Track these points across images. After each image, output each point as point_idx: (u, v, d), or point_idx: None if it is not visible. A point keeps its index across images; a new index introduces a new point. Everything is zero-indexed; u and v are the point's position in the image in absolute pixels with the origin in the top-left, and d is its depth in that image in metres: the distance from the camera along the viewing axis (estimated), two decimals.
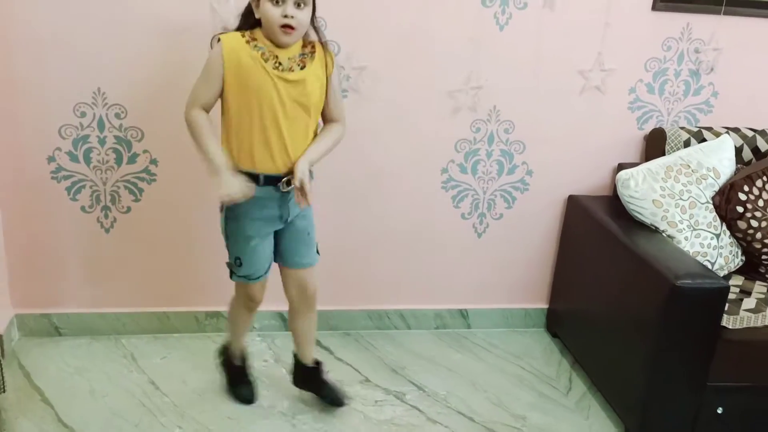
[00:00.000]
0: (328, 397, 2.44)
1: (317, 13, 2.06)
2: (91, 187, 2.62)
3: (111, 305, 2.80)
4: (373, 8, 2.55)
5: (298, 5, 1.93)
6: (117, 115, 2.54)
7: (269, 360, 2.75)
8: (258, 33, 2.01)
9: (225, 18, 2.44)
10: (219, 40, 1.99)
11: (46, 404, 2.39)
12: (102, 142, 2.57)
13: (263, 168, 2.05)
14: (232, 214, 2.11)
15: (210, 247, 2.73)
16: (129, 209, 2.67)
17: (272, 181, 2.06)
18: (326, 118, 2.17)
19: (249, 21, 2.04)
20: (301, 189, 2.02)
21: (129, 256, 2.73)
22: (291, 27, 1.93)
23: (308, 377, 2.46)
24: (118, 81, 2.50)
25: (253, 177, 2.04)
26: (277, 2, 1.92)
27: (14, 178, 2.56)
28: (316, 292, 2.32)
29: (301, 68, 2.02)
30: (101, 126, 2.55)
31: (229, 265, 2.23)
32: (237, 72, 1.97)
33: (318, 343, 2.85)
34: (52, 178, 2.58)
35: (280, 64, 1.99)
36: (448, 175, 2.83)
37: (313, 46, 2.07)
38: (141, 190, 2.66)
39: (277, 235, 2.20)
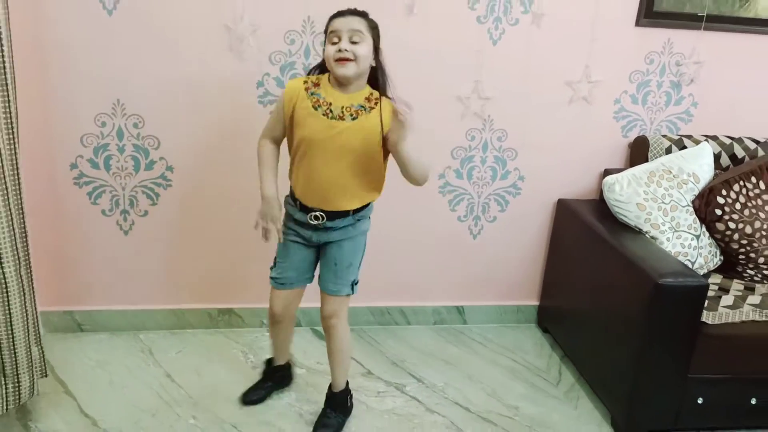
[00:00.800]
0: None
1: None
2: (110, 192, 2.62)
3: (130, 303, 2.79)
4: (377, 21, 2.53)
5: (354, 41, 1.92)
6: (135, 125, 2.54)
7: None
8: (323, 78, 2.02)
9: (241, 34, 2.45)
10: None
11: (69, 396, 2.39)
12: (121, 150, 2.56)
13: (302, 198, 2.07)
14: (285, 220, 2.16)
15: (222, 248, 2.75)
16: (146, 213, 2.67)
17: (306, 209, 2.08)
18: None
19: (317, 70, 2.08)
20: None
21: (146, 256, 2.73)
22: (345, 59, 1.91)
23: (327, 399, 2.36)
24: (136, 93, 2.50)
25: (296, 200, 2.11)
26: (334, 42, 1.93)
27: (40, 183, 2.55)
28: (334, 321, 2.19)
29: (353, 119, 1.98)
30: (120, 135, 2.54)
31: (271, 267, 2.23)
32: (294, 116, 2.01)
33: (323, 337, 2.75)
34: (75, 183, 2.58)
35: (330, 111, 1.97)
36: (444, 181, 2.82)
37: (377, 102, 2.00)
38: (158, 195, 2.65)
39: (319, 253, 2.20)
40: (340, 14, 1.96)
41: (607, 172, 2.80)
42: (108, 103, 2.51)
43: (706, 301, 2.24)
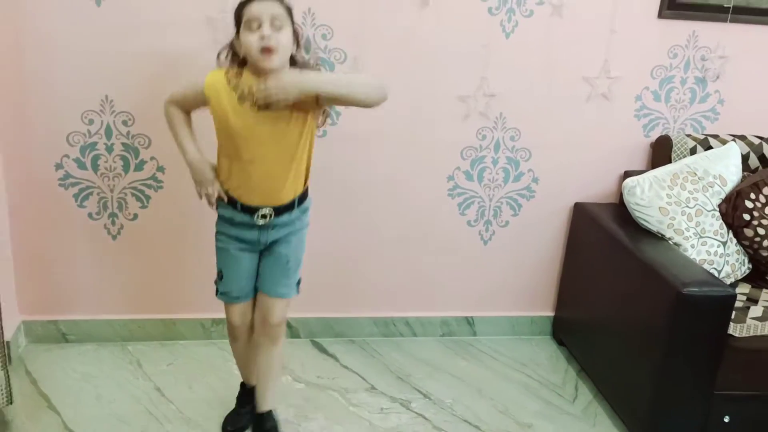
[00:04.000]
0: None
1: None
2: (98, 194, 2.62)
3: (118, 312, 2.79)
4: (378, 14, 2.55)
5: (276, 27, 1.86)
6: (124, 123, 2.55)
7: None
8: (246, 71, 1.96)
9: (229, 25, 2.42)
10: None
11: (53, 411, 2.39)
12: (109, 149, 2.57)
13: (242, 198, 2.04)
14: (220, 228, 2.12)
15: None
16: (136, 216, 2.67)
17: (250, 210, 2.04)
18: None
19: (236, 62, 2.01)
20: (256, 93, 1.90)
21: (136, 262, 2.73)
22: (270, 49, 1.86)
23: (255, 422, 2.35)
24: (126, 88, 2.50)
25: (232, 201, 2.06)
26: (253, 29, 1.87)
27: (23, 184, 2.56)
28: (280, 326, 2.19)
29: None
30: (109, 133, 2.55)
31: (215, 281, 2.19)
32: (217, 110, 1.96)
33: (323, 350, 2.85)
34: (60, 185, 2.59)
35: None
36: (454, 183, 2.83)
37: None
38: (148, 197, 2.66)
39: (260, 259, 2.15)
40: None
41: (627, 174, 2.79)
42: (96, 100, 2.51)
43: (734, 313, 2.24)
